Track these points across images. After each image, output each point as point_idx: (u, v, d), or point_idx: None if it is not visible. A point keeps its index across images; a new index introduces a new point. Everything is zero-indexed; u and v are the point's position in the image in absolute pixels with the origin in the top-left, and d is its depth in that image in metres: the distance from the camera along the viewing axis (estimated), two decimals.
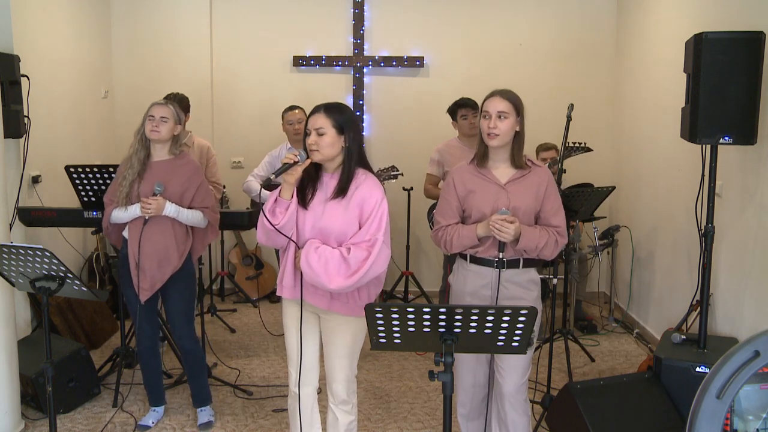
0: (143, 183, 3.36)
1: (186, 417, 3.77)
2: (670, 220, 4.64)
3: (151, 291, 3.40)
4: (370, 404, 3.95)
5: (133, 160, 3.38)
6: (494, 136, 2.72)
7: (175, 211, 3.35)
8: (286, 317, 2.84)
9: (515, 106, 2.75)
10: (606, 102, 5.90)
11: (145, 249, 3.34)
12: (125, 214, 3.36)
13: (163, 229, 3.36)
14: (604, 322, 5.35)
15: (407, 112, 5.96)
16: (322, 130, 2.63)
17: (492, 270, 2.77)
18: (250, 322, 5.40)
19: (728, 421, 1.53)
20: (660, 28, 4.91)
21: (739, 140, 3.28)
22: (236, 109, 5.99)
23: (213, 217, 3.52)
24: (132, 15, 5.86)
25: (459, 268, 2.90)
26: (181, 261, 3.43)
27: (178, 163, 3.44)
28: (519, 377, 2.82)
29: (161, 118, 3.35)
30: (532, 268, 2.83)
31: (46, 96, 4.60)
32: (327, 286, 2.58)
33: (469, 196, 2.81)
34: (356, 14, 5.85)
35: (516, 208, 2.74)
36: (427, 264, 6.10)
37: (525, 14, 5.87)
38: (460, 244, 2.79)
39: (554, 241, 2.74)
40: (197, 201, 3.46)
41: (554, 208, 2.81)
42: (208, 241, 3.62)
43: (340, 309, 2.70)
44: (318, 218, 2.66)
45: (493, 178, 2.80)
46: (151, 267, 3.36)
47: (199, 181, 3.47)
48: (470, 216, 2.83)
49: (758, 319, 3.48)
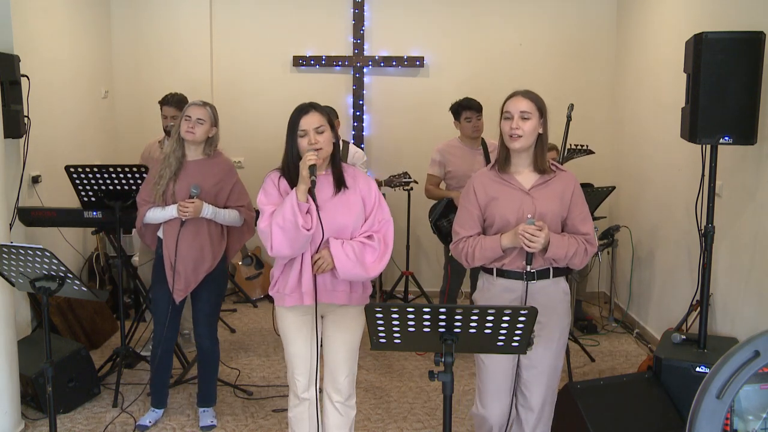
0: (178, 182, 3.37)
1: (186, 417, 3.77)
2: (670, 220, 4.64)
3: (186, 292, 3.43)
4: (370, 404, 3.95)
5: (170, 159, 3.38)
6: (517, 138, 2.59)
7: (212, 212, 3.37)
8: (292, 325, 2.76)
9: (538, 107, 2.64)
10: (606, 102, 5.90)
11: (181, 250, 3.35)
12: (162, 214, 3.37)
13: (199, 230, 3.38)
14: (604, 322, 5.35)
15: (407, 112, 5.96)
16: (321, 128, 2.64)
17: (521, 283, 2.62)
18: (250, 322, 5.40)
19: (728, 421, 1.53)
20: (660, 28, 4.91)
21: (739, 140, 3.28)
22: (236, 109, 5.99)
23: (249, 215, 3.54)
24: (132, 15, 5.86)
25: (485, 283, 2.73)
26: (216, 262, 3.45)
27: (211, 162, 3.46)
28: (546, 414, 2.77)
29: (198, 120, 3.36)
30: (562, 277, 2.70)
31: (46, 96, 4.60)
32: (365, 274, 2.63)
33: (492, 204, 2.65)
34: (356, 14, 5.85)
35: (542, 214, 2.59)
36: (427, 264, 6.10)
37: (525, 14, 5.87)
38: (483, 256, 2.62)
39: (584, 249, 2.60)
40: (233, 200, 3.48)
41: (582, 215, 2.66)
42: (245, 239, 3.64)
43: (358, 300, 2.75)
44: (332, 215, 2.65)
45: (517, 184, 2.65)
46: (186, 268, 3.38)
47: (233, 179, 3.49)
48: (492, 225, 2.66)
49: (758, 319, 3.48)
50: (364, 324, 2.76)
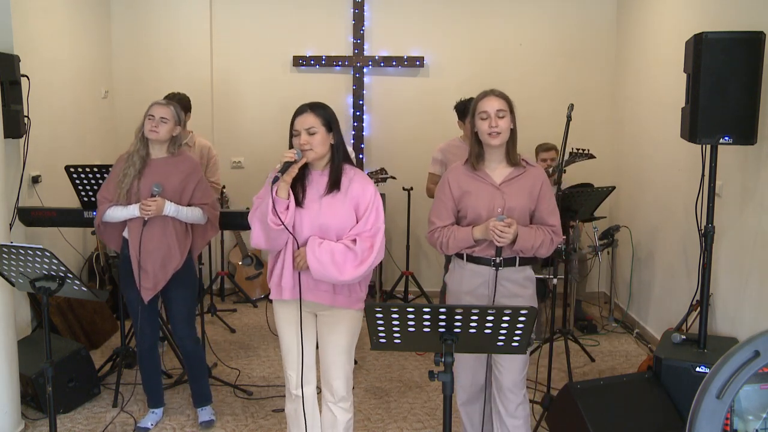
0: (142, 180, 3.36)
1: (186, 417, 3.77)
2: (670, 220, 4.64)
3: (154, 290, 3.40)
4: (370, 404, 3.95)
5: (134, 157, 3.37)
6: (496, 135, 2.74)
7: (174, 210, 3.35)
8: (282, 320, 2.82)
9: (509, 104, 2.79)
10: (606, 102, 5.90)
11: (147, 248, 3.33)
12: (123, 213, 3.35)
13: (164, 227, 3.36)
14: (604, 322, 5.35)
15: (407, 112, 5.96)
16: (313, 129, 2.66)
17: (489, 269, 2.80)
18: (250, 322, 5.40)
19: (728, 421, 1.53)
20: (660, 28, 4.91)
21: (739, 140, 3.28)
22: (236, 109, 5.99)
23: (212, 213, 3.52)
24: (132, 15, 5.85)
25: (455, 267, 2.92)
26: (183, 258, 3.43)
27: (176, 160, 3.45)
28: (517, 374, 2.84)
29: (161, 119, 3.35)
30: (528, 266, 2.88)
31: (46, 96, 4.60)
32: (338, 278, 2.60)
33: (464, 197, 2.83)
34: (356, 14, 5.85)
35: (511, 208, 2.77)
36: (427, 264, 6.10)
37: (525, 14, 5.87)
38: (456, 245, 2.81)
39: (549, 240, 2.78)
40: (196, 198, 3.46)
41: (549, 208, 2.84)
42: (208, 237, 3.61)
43: (344, 303, 2.72)
44: (316, 215, 2.67)
45: (488, 179, 2.83)
46: (153, 266, 3.36)
47: (197, 178, 3.47)
48: (465, 217, 2.84)
49: (758, 319, 3.48)
50: (356, 328, 2.78)
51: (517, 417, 2.87)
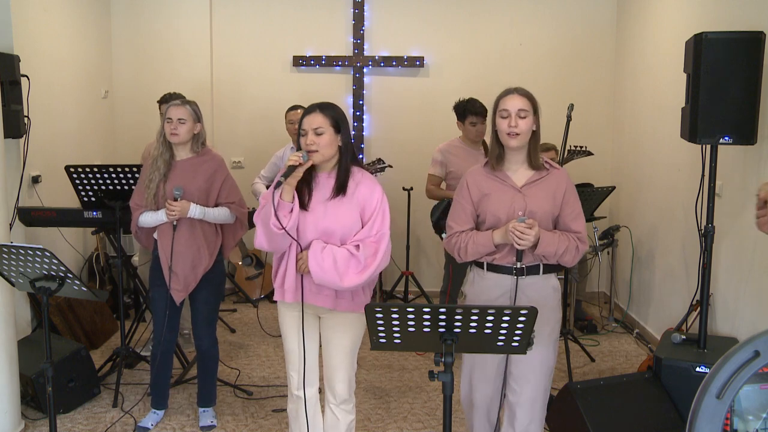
0: (168, 183, 3.37)
1: (186, 417, 3.77)
2: (670, 220, 4.64)
3: (185, 292, 3.43)
4: (370, 404, 3.95)
5: (158, 162, 3.38)
6: (515, 136, 2.59)
7: (200, 212, 3.36)
8: (286, 321, 2.81)
9: (533, 104, 2.65)
10: (606, 102, 5.89)
11: (178, 251, 3.36)
12: (154, 218, 3.38)
13: (194, 229, 3.38)
14: (604, 322, 5.35)
15: (407, 112, 5.96)
16: (320, 130, 2.63)
17: (511, 278, 2.64)
18: (250, 322, 5.40)
19: (728, 421, 1.53)
20: (660, 28, 4.91)
21: (739, 140, 3.28)
22: (236, 109, 6.00)
23: (240, 212, 3.53)
24: (132, 15, 5.86)
25: (475, 277, 2.77)
26: (212, 259, 3.45)
27: (201, 160, 3.45)
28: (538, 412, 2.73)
29: (179, 120, 3.35)
30: (552, 273, 2.71)
31: (46, 96, 4.60)
32: (339, 284, 2.57)
33: (484, 200, 2.68)
34: (356, 14, 5.85)
35: (533, 212, 2.61)
36: (427, 264, 6.10)
37: (525, 14, 5.87)
38: (476, 251, 2.65)
39: (575, 247, 2.61)
40: (223, 197, 3.48)
41: (574, 213, 2.67)
42: (239, 236, 3.63)
43: (346, 307, 2.70)
44: (320, 218, 2.64)
45: (509, 181, 2.68)
46: (184, 268, 3.38)
47: (223, 176, 3.49)
48: (485, 221, 2.69)
49: (758, 319, 3.48)
50: (360, 331, 2.77)
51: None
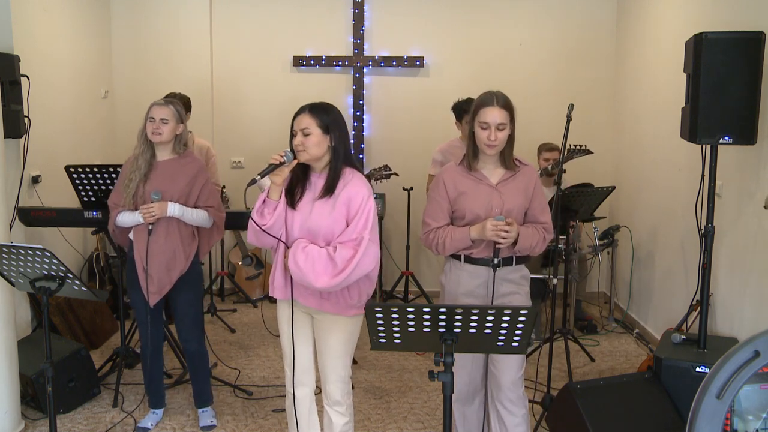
0: (148, 183, 3.35)
1: (186, 417, 3.77)
2: (670, 220, 4.64)
3: (160, 294, 3.40)
4: (370, 404, 3.95)
5: (139, 161, 3.36)
6: (493, 147, 2.75)
7: (179, 210, 3.34)
8: (281, 318, 2.84)
9: (511, 115, 2.77)
10: (606, 102, 5.90)
11: (153, 253, 3.33)
12: (132, 218, 3.35)
13: (169, 232, 3.36)
14: (604, 322, 5.35)
15: (407, 112, 5.96)
16: (307, 131, 2.65)
17: (487, 269, 2.80)
18: (250, 322, 5.40)
19: (728, 421, 1.53)
20: (660, 28, 4.91)
21: (739, 140, 3.28)
22: (236, 109, 5.99)
23: (218, 216, 3.51)
24: (132, 15, 5.86)
25: (452, 268, 2.90)
26: (188, 263, 3.43)
27: (182, 162, 3.43)
28: (515, 371, 2.84)
29: (161, 120, 3.33)
30: (523, 264, 2.91)
31: (46, 96, 4.60)
32: (313, 285, 2.58)
33: (461, 198, 2.82)
34: (356, 14, 5.85)
35: (509, 210, 2.78)
36: (427, 264, 6.10)
37: (525, 14, 5.87)
38: (453, 246, 2.80)
39: (542, 237, 2.82)
40: (202, 200, 3.45)
41: (541, 206, 2.87)
42: (214, 240, 3.61)
43: (330, 308, 2.69)
44: (306, 218, 2.67)
45: (485, 179, 2.83)
46: (159, 270, 3.35)
47: (204, 179, 3.46)
48: (463, 218, 2.83)
49: (758, 319, 3.48)
50: (351, 335, 2.76)
51: (516, 415, 2.86)
